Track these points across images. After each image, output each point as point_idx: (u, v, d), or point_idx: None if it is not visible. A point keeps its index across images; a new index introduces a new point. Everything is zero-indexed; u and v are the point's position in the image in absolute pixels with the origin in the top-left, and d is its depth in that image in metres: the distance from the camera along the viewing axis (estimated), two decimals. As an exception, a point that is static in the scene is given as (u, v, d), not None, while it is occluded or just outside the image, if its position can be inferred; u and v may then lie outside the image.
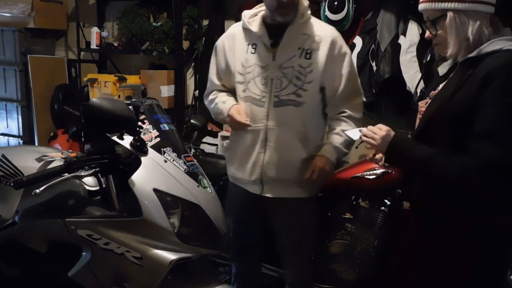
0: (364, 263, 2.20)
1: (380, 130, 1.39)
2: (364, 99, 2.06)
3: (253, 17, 1.83)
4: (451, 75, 1.41)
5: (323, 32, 1.80)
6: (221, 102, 1.90)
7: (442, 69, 1.48)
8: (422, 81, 2.60)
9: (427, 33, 1.41)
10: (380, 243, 2.24)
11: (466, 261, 1.34)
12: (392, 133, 1.39)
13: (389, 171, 2.18)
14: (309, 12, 1.81)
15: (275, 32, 1.77)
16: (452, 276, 1.37)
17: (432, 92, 1.46)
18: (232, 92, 1.94)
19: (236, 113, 1.79)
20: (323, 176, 1.79)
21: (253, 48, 1.81)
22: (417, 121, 1.47)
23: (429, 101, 1.42)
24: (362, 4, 2.88)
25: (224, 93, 1.96)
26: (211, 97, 1.99)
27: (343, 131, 1.72)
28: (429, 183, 1.38)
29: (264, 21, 1.80)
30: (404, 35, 2.67)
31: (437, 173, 1.29)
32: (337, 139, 1.84)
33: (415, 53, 2.63)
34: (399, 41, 2.67)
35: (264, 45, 1.79)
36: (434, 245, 1.39)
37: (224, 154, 2.01)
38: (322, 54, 1.76)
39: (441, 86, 1.42)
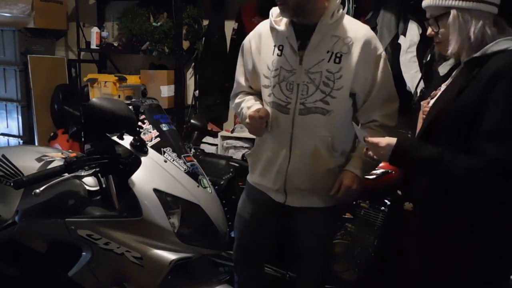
0: (364, 263, 2.20)
1: (384, 138, 1.40)
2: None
3: (279, 16, 1.68)
4: (453, 74, 1.41)
5: (356, 33, 1.63)
6: (246, 107, 1.77)
7: (443, 69, 1.48)
8: (422, 81, 2.60)
9: (429, 31, 1.41)
10: (380, 243, 2.24)
11: (466, 261, 1.33)
12: (395, 139, 1.38)
13: (389, 171, 2.18)
14: (341, 11, 1.63)
15: (304, 33, 1.62)
16: (452, 276, 1.37)
17: (433, 92, 1.46)
18: (259, 95, 1.82)
19: (256, 114, 1.64)
20: (350, 194, 1.68)
21: (279, 50, 1.67)
22: (420, 121, 1.46)
23: (432, 101, 1.42)
24: (362, 4, 2.88)
25: (251, 97, 1.82)
26: (237, 100, 1.86)
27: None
28: (431, 183, 1.37)
29: (292, 21, 1.64)
30: (404, 35, 2.67)
31: (442, 173, 1.29)
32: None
33: (415, 53, 2.64)
34: (399, 41, 2.68)
35: (291, 47, 1.64)
36: (434, 245, 1.39)
37: (247, 158, 1.90)
38: (353, 58, 1.60)
39: (443, 86, 1.42)
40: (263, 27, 1.76)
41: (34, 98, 3.89)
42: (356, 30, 1.64)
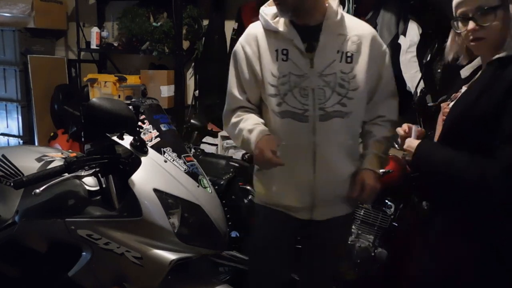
0: (364, 263, 2.20)
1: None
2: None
3: (275, 17, 1.56)
4: (476, 76, 1.36)
5: (360, 30, 1.57)
6: (246, 130, 1.54)
7: (465, 72, 1.43)
8: (422, 81, 2.60)
9: (471, 25, 1.27)
10: (380, 243, 2.24)
11: (468, 263, 1.34)
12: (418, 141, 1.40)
13: (389, 170, 2.18)
14: (341, 9, 1.58)
15: (308, 34, 1.52)
16: (453, 277, 1.37)
17: (454, 94, 1.42)
18: (258, 107, 1.65)
19: (266, 147, 1.44)
20: (374, 193, 1.59)
21: (283, 54, 1.52)
22: (439, 122, 1.44)
23: (452, 103, 1.38)
24: (362, 4, 2.88)
25: (250, 116, 1.60)
26: (234, 119, 1.62)
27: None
28: (446, 184, 1.36)
29: (292, 22, 1.53)
30: (404, 35, 2.67)
31: (457, 176, 1.28)
32: (379, 147, 1.64)
33: (415, 53, 2.64)
34: (399, 41, 2.68)
35: (298, 50, 1.52)
36: (436, 245, 1.40)
37: (255, 175, 1.69)
38: (364, 56, 1.54)
39: (464, 88, 1.38)
40: (255, 30, 1.60)
41: (34, 98, 3.89)
42: (360, 28, 1.59)
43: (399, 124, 1.54)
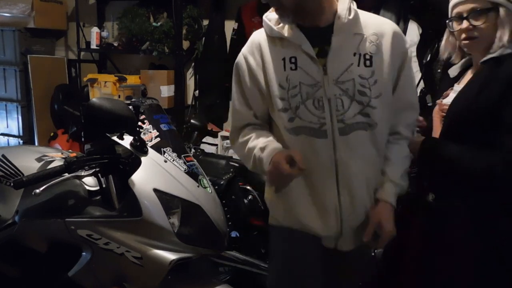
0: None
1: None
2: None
3: (280, 22, 1.36)
4: (467, 74, 1.45)
5: (380, 28, 1.35)
6: (258, 149, 1.37)
7: (453, 72, 1.52)
8: (422, 81, 2.60)
9: (465, 24, 1.37)
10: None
11: (468, 263, 1.34)
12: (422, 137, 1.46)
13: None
14: (354, 5, 1.37)
15: (317, 37, 1.33)
16: (453, 277, 1.37)
17: (445, 92, 1.51)
18: (267, 123, 1.46)
19: (281, 159, 1.25)
20: (390, 238, 1.36)
21: (292, 62, 1.33)
22: (435, 119, 1.50)
23: (446, 99, 1.47)
24: (362, 4, 2.86)
25: (261, 133, 1.42)
26: (241, 139, 1.45)
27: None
28: (454, 178, 1.40)
29: (299, 25, 1.34)
30: (404, 35, 2.67)
31: (465, 170, 1.34)
32: (396, 173, 1.39)
33: (415, 53, 2.64)
34: (399, 41, 2.67)
35: (307, 56, 1.32)
36: (438, 245, 1.40)
37: (269, 194, 1.50)
38: (385, 57, 1.33)
39: (456, 86, 1.46)
40: (259, 37, 1.40)
41: (34, 98, 3.89)
42: (379, 24, 1.37)
43: None
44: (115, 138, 1.47)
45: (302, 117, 1.33)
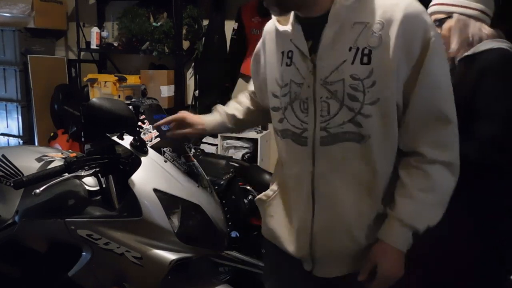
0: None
1: None
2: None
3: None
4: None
5: (390, 11, 1.03)
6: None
7: None
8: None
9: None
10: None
11: (469, 263, 1.34)
12: None
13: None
14: None
15: (314, 29, 1.10)
16: (453, 277, 1.37)
17: None
18: (267, 113, 1.30)
19: (187, 114, 1.31)
20: (387, 284, 1.12)
21: (288, 57, 1.16)
22: None
23: None
24: None
25: (241, 99, 1.47)
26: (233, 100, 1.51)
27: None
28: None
29: (297, 17, 1.14)
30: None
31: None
32: (407, 207, 1.09)
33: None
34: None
35: (299, 51, 1.13)
36: (438, 245, 1.40)
37: (257, 203, 1.40)
38: (391, 51, 1.02)
39: None
40: (268, 28, 1.27)
41: (34, 98, 3.89)
42: (389, 7, 1.03)
43: None
44: (115, 138, 1.47)
45: (289, 119, 1.17)
